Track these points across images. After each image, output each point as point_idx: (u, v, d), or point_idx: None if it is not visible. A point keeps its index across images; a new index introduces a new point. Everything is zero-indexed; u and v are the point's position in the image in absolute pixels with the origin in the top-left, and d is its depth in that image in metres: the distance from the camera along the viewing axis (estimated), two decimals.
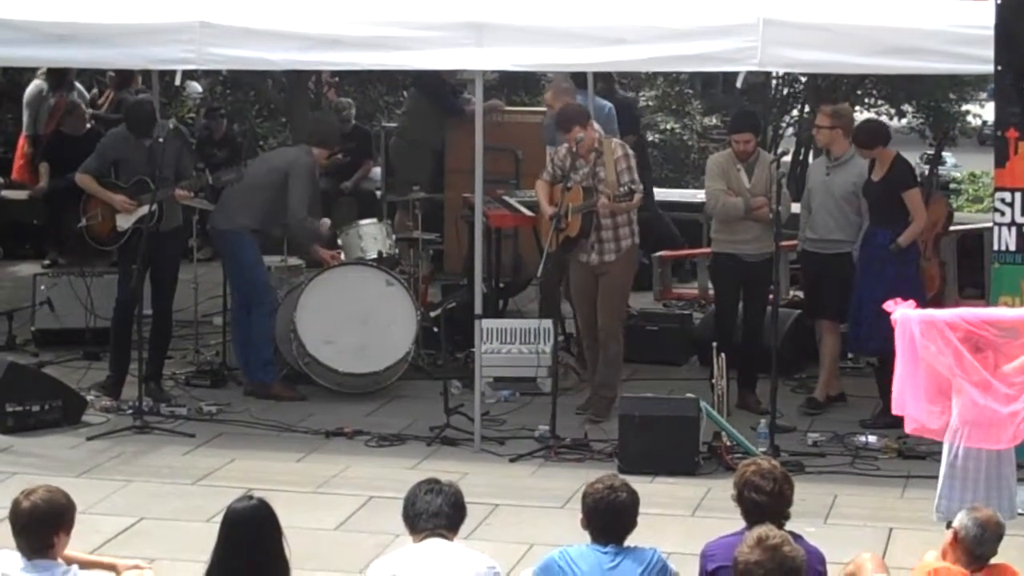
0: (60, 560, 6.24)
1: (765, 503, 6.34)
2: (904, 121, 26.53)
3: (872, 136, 11.07)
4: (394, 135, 15.76)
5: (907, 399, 7.79)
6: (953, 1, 10.20)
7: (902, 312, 7.85)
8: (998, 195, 9.54)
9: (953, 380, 7.70)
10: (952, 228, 12.94)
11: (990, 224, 9.88)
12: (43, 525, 6.15)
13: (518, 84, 23.54)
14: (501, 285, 13.35)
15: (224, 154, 16.14)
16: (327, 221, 12.18)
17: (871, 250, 10.90)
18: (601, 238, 11.07)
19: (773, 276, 11.00)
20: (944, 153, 26.13)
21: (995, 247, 9.53)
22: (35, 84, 16.40)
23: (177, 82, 11.81)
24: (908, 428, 7.96)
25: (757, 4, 10.17)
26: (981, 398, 7.64)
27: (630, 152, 11.30)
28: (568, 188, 10.96)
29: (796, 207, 11.90)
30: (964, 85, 24.26)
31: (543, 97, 13.05)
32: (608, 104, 14.34)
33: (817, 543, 6.51)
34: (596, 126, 11.34)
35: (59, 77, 16.11)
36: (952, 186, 22.91)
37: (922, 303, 11.09)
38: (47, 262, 15.62)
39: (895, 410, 7.93)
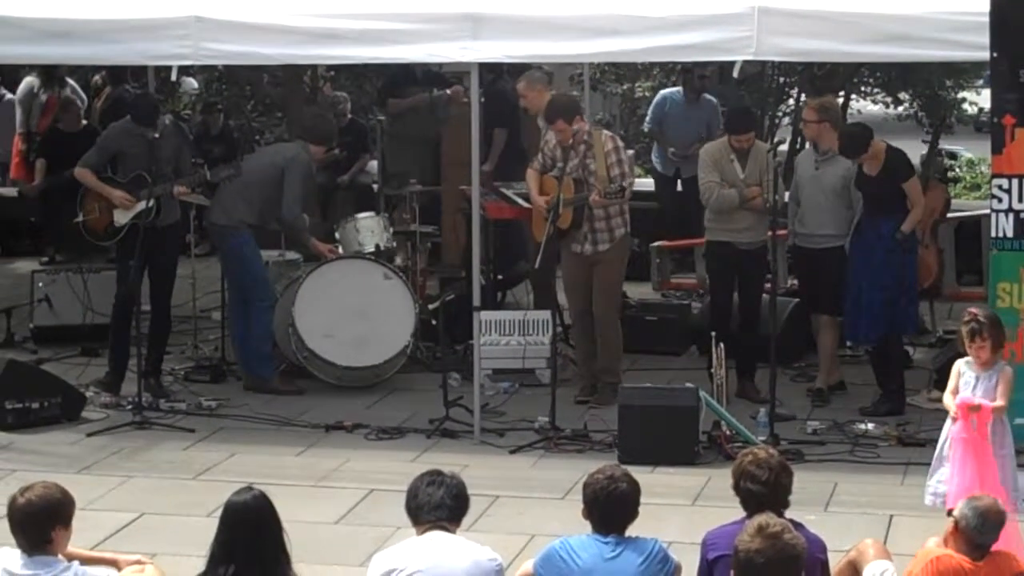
0: (61, 556, 6.25)
1: (761, 493, 6.33)
2: (901, 108, 26.48)
3: (858, 142, 10.90)
4: (384, 134, 15.78)
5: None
6: None
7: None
8: (995, 181, 9.55)
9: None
10: (950, 215, 12.95)
11: (988, 211, 9.88)
12: (39, 521, 6.16)
13: (514, 76, 23.48)
14: (499, 277, 13.35)
15: (221, 149, 16.14)
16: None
17: (870, 240, 10.89)
18: (594, 228, 11.14)
19: (771, 265, 11.02)
20: (958, 148, 26.19)
21: (993, 234, 9.54)
22: (26, 81, 16.42)
23: (173, 78, 11.81)
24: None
25: None
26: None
27: (620, 144, 11.37)
28: (558, 179, 11.02)
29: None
30: (960, 72, 24.22)
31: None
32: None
33: (818, 531, 6.51)
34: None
35: (49, 73, 16.09)
36: (951, 173, 22.90)
37: (919, 290, 11.24)
38: (45, 259, 15.61)
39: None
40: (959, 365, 8.39)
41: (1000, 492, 7.73)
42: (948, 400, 8.32)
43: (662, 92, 16.16)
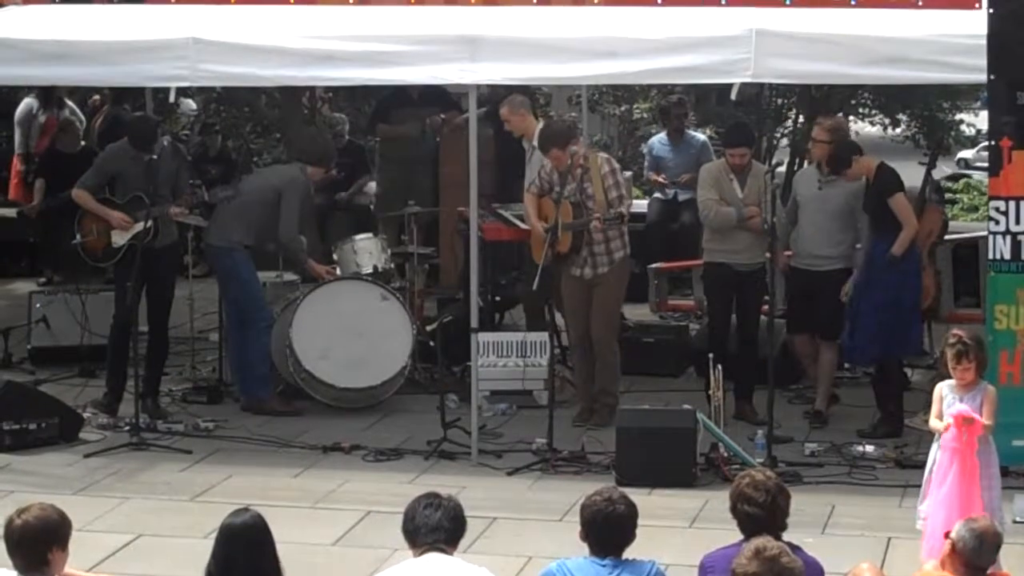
0: None
1: (758, 515, 6.33)
2: (899, 130, 26.57)
3: (845, 153, 10.90)
4: (377, 157, 15.77)
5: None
6: (945, 11, 10.22)
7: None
8: (992, 204, 9.56)
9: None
10: (947, 237, 12.94)
11: (985, 233, 9.89)
12: (36, 542, 6.15)
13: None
14: (497, 298, 13.35)
15: (219, 171, 16.13)
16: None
17: (871, 261, 10.90)
18: (593, 251, 11.16)
19: (768, 286, 11.01)
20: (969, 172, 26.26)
21: (990, 256, 9.54)
22: (25, 102, 16.43)
23: (171, 99, 11.83)
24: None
25: (749, 16, 10.19)
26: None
27: (617, 167, 11.42)
28: (557, 202, 11.02)
29: None
30: (957, 94, 24.29)
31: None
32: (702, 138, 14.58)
33: (815, 553, 6.50)
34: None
35: (48, 95, 16.10)
36: (947, 195, 22.94)
37: (920, 312, 11.23)
38: (43, 280, 15.61)
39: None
40: (941, 388, 8.34)
41: (979, 505, 7.75)
42: (935, 423, 8.30)
43: (648, 140, 16.24)
